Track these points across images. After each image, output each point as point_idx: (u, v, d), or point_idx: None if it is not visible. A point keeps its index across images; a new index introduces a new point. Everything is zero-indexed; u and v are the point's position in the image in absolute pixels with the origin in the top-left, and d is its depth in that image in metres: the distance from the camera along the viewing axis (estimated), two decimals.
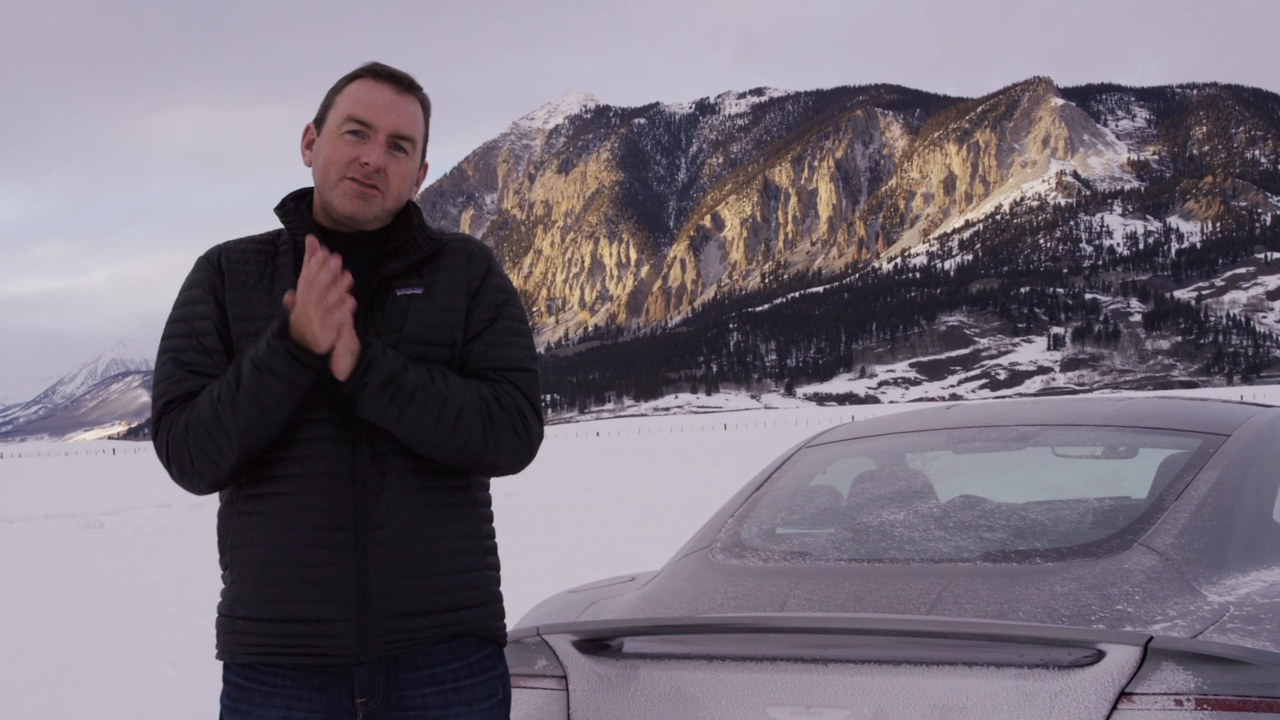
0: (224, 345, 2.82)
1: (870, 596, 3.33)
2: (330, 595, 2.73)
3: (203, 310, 2.84)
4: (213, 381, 2.76)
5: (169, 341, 2.87)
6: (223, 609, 2.87)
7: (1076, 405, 4.84)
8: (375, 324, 2.81)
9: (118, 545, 20.10)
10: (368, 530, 2.74)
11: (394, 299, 2.85)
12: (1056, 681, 2.80)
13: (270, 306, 2.81)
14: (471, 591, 2.88)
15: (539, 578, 10.07)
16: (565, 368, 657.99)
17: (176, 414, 2.78)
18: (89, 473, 61.16)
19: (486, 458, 2.81)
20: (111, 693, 8.46)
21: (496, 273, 2.98)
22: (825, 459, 4.75)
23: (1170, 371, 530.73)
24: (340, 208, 2.83)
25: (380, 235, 2.91)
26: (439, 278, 2.89)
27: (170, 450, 2.78)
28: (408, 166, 2.88)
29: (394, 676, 2.80)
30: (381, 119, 2.82)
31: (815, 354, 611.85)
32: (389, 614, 2.76)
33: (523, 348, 2.95)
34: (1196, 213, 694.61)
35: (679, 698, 3.12)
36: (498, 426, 2.80)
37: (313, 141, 2.91)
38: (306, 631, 2.74)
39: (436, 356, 2.83)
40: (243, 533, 2.81)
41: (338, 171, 2.82)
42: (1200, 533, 3.43)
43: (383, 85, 2.86)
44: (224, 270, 2.87)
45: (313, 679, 2.78)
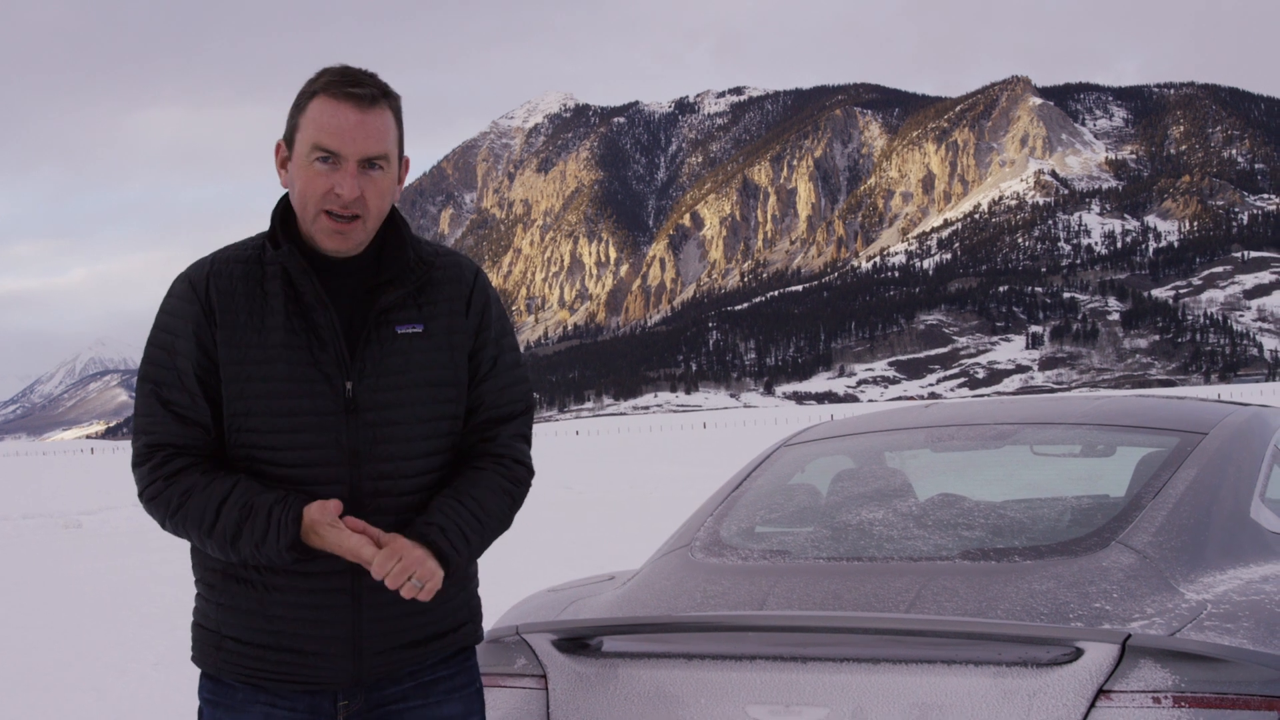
0: (203, 389, 2.76)
1: (849, 595, 3.32)
2: (327, 633, 2.74)
3: (184, 347, 2.77)
4: (200, 484, 2.71)
5: (151, 369, 2.80)
6: (206, 624, 2.83)
7: (1055, 404, 4.84)
8: (374, 363, 2.78)
9: (96, 545, 19.99)
10: (362, 573, 2.73)
11: (393, 336, 2.80)
12: (1035, 679, 2.81)
13: (262, 348, 2.75)
14: (459, 613, 2.92)
15: (518, 577, 10.04)
16: (545, 367, 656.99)
17: (161, 477, 2.74)
18: (67, 472, 60.87)
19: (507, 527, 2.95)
20: (89, 693, 8.41)
21: (494, 301, 2.96)
22: (804, 457, 4.74)
23: (1148, 370, 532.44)
24: (323, 245, 2.78)
25: (371, 256, 2.85)
26: (438, 312, 2.86)
27: (148, 503, 2.78)
28: (384, 182, 2.79)
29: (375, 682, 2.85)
30: (348, 146, 2.72)
31: (794, 353, 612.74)
32: (382, 649, 2.79)
33: (523, 381, 2.99)
34: (1174, 212, 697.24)
35: (659, 696, 3.11)
36: (517, 501, 2.92)
37: (285, 161, 2.83)
38: (299, 662, 2.75)
39: (441, 398, 2.83)
40: (235, 567, 2.78)
41: (314, 205, 2.74)
42: (1178, 531, 3.43)
43: (345, 106, 2.72)
44: (213, 305, 2.78)
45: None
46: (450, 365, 2.84)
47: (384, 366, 2.77)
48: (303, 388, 2.73)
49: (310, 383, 2.73)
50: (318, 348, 2.75)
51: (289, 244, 2.80)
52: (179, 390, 2.76)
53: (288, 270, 2.79)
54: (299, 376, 2.74)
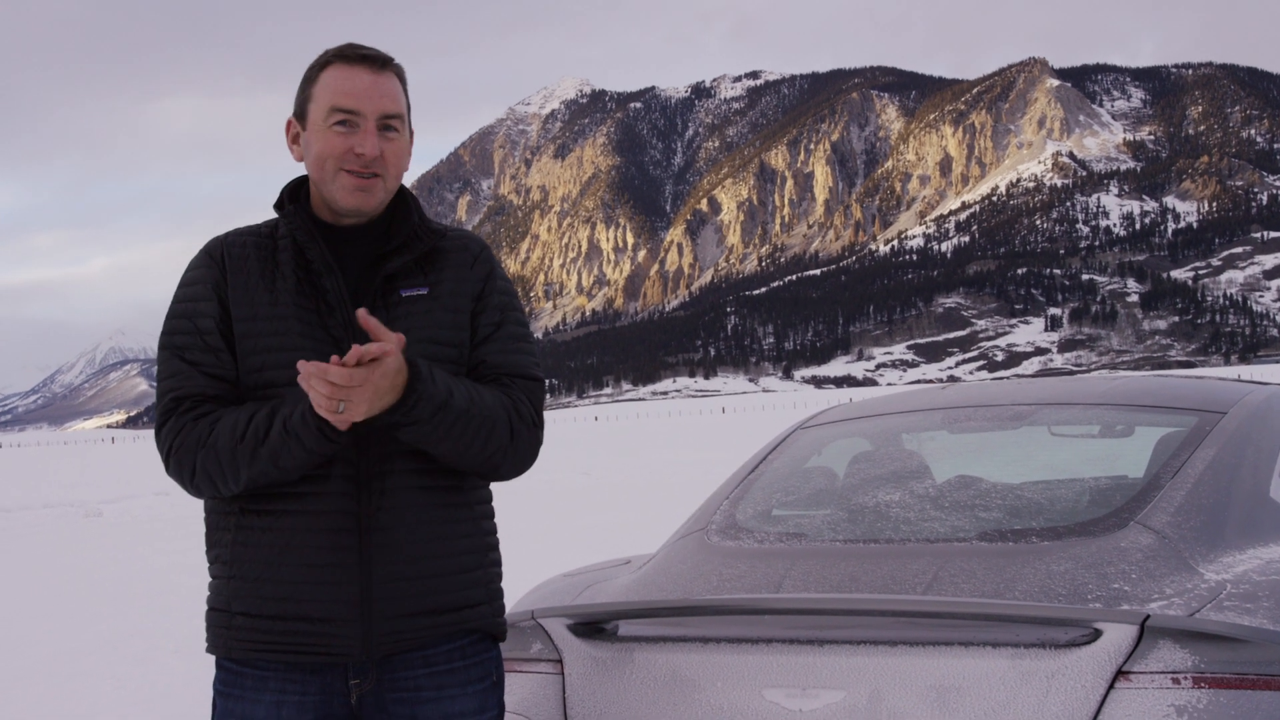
0: (226, 344, 2.80)
1: (866, 577, 3.31)
2: (335, 595, 2.73)
3: (205, 309, 2.82)
4: (229, 410, 2.75)
5: (172, 337, 2.84)
6: (217, 604, 2.85)
7: (1072, 384, 4.82)
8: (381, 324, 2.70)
9: (117, 534, 20.08)
10: (371, 533, 2.74)
11: (399, 300, 2.83)
12: (1053, 661, 2.80)
13: (272, 306, 2.79)
14: (474, 590, 2.88)
15: (535, 562, 9.89)
16: (563, 353, 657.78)
17: (189, 420, 2.76)
18: (88, 462, 60.99)
19: (503, 468, 2.85)
20: (110, 681, 8.46)
21: (499, 275, 2.97)
22: (821, 440, 4.73)
23: (1168, 351, 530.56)
24: (343, 203, 2.80)
25: (380, 226, 2.89)
26: (443, 277, 2.88)
27: (174, 453, 2.77)
28: (401, 144, 2.85)
29: (387, 659, 2.81)
30: (367, 105, 2.77)
31: (813, 337, 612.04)
32: (392, 615, 2.76)
33: (529, 354, 2.96)
34: (1193, 193, 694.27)
35: (675, 680, 3.10)
36: (518, 438, 2.83)
37: (298, 135, 2.87)
38: (309, 630, 2.74)
39: (443, 357, 2.82)
40: (246, 531, 2.79)
41: (334, 165, 2.78)
42: (1197, 511, 3.41)
43: (358, 69, 2.79)
44: (226, 267, 2.84)
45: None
46: (453, 326, 2.85)
47: (389, 327, 2.70)
48: (313, 346, 2.75)
49: (320, 343, 2.76)
50: (326, 312, 2.78)
51: (295, 208, 2.86)
52: (202, 350, 2.79)
53: (296, 239, 2.84)
54: (310, 334, 2.77)
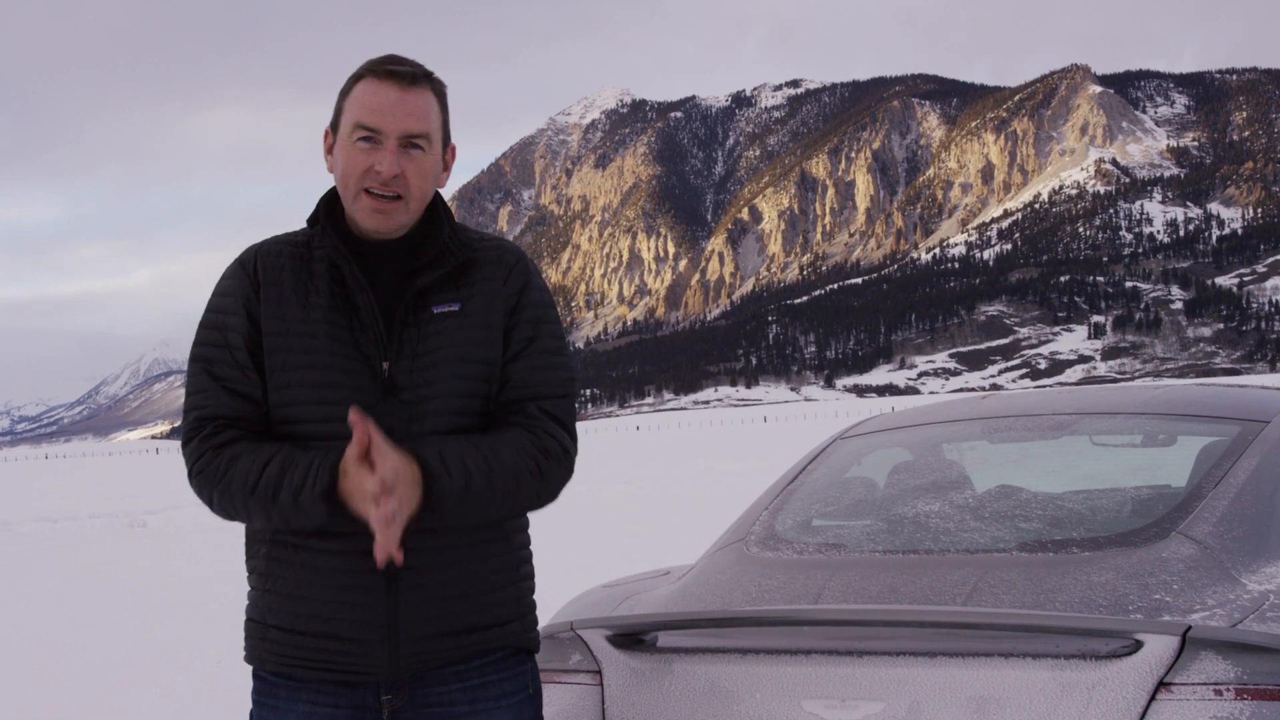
0: (254, 361, 2.79)
1: (906, 588, 3.30)
2: (361, 617, 2.73)
3: (235, 323, 2.81)
4: (247, 450, 2.73)
5: (202, 349, 2.84)
6: (254, 615, 2.87)
7: (1113, 394, 4.79)
8: (411, 344, 2.77)
9: (161, 544, 20.22)
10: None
11: (430, 317, 2.80)
12: (1094, 672, 2.77)
13: (304, 322, 2.78)
14: (503, 608, 2.86)
15: (574, 572, 10.11)
16: (604, 362, 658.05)
17: (209, 449, 2.76)
18: (133, 472, 61.42)
19: (534, 506, 2.83)
20: (154, 689, 8.55)
21: (535, 286, 2.92)
22: (861, 450, 4.71)
23: (1212, 359, 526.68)
24: (363, 225, 2.80)
25: (412, 240, 2.86)
26: (475, 292, 2.84)
27: (194, 478, 2.79)
28: (426, 163, 2.80)
29: (418, 675, 2.80)
30: (389, 122, 2.74)
31: (854, 345, 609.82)
32: (418, 636, 2.75)
33: (562, 368, 2.91)
34: (1237, 199, 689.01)
35: (714, 691, 3.09)
36: (547, 477, 2.79)
37: (332, 147, 2.86)
38: (337, 649, 2.75)
39: (474, 375, 2.80)
40: (279, 547, 2.80)
41: (355, 183, 2.77)
42: (1239, 521, 3.38)
43: (386, 85, 2.76)
44: (259, 279, 2.83)
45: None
46: (486, 343, 2.81)
47: (420, 347, 2.76)
48: (342, 365, 2.75)
49: (350, 360, 2.75)
50: (359, 329, 2.77)
51: (327, 223, 2.85)
52: (230, 366, 2.79)
53: (329, 254, 2.83)
54: (340, 353, 2.75)
